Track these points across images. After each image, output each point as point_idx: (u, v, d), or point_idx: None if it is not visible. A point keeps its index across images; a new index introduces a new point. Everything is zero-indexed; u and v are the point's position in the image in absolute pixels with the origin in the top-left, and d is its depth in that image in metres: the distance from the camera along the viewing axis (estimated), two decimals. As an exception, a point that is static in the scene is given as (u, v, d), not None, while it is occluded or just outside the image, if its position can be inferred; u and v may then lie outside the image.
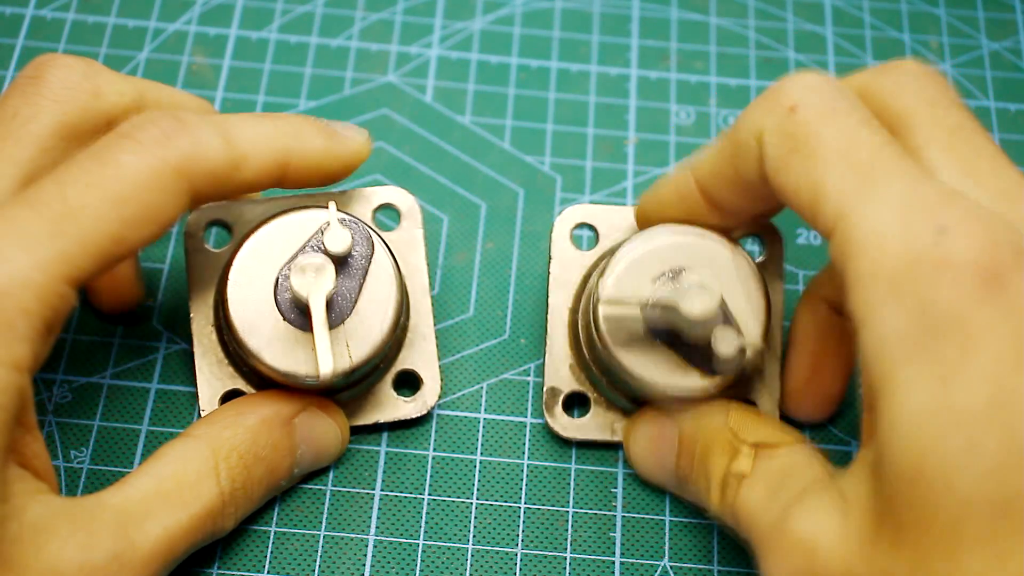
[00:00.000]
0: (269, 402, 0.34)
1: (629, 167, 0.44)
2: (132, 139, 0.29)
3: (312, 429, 0.35)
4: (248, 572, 0.35)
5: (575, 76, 0.46)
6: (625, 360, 0.33)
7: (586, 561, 0.36)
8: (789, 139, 0.28)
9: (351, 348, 0.33)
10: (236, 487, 0.32)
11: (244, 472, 0.33)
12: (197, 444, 0.32)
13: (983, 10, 0.49)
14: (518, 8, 0.48)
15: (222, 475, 0.32)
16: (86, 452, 0.36)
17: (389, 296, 0.34)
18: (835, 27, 0.48)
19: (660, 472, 0.35)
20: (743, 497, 0.30)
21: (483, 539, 0.36)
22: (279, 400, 0.34)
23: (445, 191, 0.43)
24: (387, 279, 0.34)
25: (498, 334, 0.40)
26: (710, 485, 0.32)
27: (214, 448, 0.32)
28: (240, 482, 0.32)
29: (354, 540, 0.36)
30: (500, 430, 0.38)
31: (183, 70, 0.45)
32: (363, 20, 0.47)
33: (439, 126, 0.44)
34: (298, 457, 0.34)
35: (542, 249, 0.42)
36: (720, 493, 0.31)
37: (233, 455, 0.32)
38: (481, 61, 0.46)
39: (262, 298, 0.33)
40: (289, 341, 0.33)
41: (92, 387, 0.38)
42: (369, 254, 0.34)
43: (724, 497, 0.31)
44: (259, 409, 0.34)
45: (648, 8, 0.48)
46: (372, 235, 0.34)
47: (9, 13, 0.46)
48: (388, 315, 0.34)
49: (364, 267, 0.34)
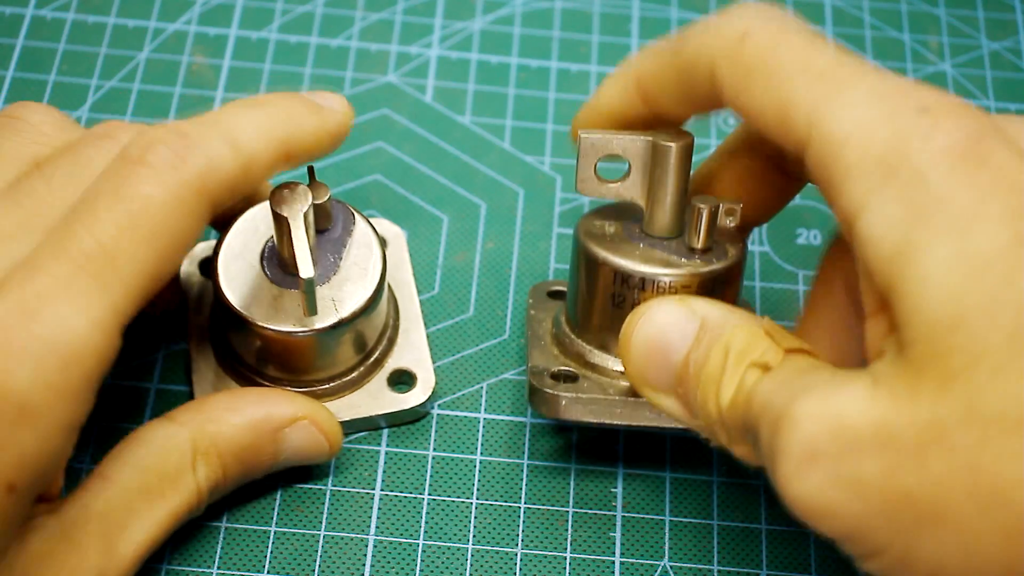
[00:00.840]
0: (262, 403, 0.34)
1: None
2: (146, 166, 0.28)
3: (300, 441, 0.34)
4: (248, 572, 0.35)
5: (575, 76, 0.46)
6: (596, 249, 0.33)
7: (586, 561, 0.36)
8: (743, 65, 0.28)
9: (337, 304, 0.34)
10: (211, 483, 0.32)
11: (220, 470, 0.33)
12: (179, 433, 0.32)
13: (983, 10, 0.49)
14: (518, 8, 0.48)
15: (199, 471, 0.32)
16: (87, 452, 0.36)
17: (372, 258, 0.35)
18: (835, 27, 0.48)
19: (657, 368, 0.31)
20: (762, 386, 0.28)
21: (483, 539, 0.36)
22: (273, 403, 0.34)
23: (445, 191, 0.43)
24: (369, 244, 0.35)
25: (498, 334, 0.40)
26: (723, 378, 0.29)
27: (195, 440, 0.32)
28: (214, 480, 0.32)
29: (354, 540, 0.36)
30: (500, 430, 0.38)
31: (183, 70, 0.45)
32: (363, 20, 0.47)
33: (439, 126, 0.44)
34: (280, 461, 0.34)
35: (542, 249, 0.42)
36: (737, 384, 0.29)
37: (212, 451, 0.32)
38: (481, 61, 0.46)
39: (251, 269, 0.34)
40: (279, 301, 0.34)
41: (92, 387, 0.38)
42: (350, 226, 0.35)
43: (741, 386, 0.29)
44: (250, 409, 0.33)
45: (648, 8, 0.48)
46: (352, 211, 0.36)
47: (9, 13, 0.46)
48: (373, 274, 0.35)
49: (346, 236, 0.35)
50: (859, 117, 0.26)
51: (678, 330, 0.30)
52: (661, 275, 0.33)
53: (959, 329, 0.23)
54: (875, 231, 0.25)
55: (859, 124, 0.26)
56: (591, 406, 0.34)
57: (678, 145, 0.32)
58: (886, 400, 0.24)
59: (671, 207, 0.33)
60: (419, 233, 0.42)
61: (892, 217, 0.25)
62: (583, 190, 0.34)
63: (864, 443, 0.24)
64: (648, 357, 0.31)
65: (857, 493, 0.24)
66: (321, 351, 0.35)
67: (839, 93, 0.27)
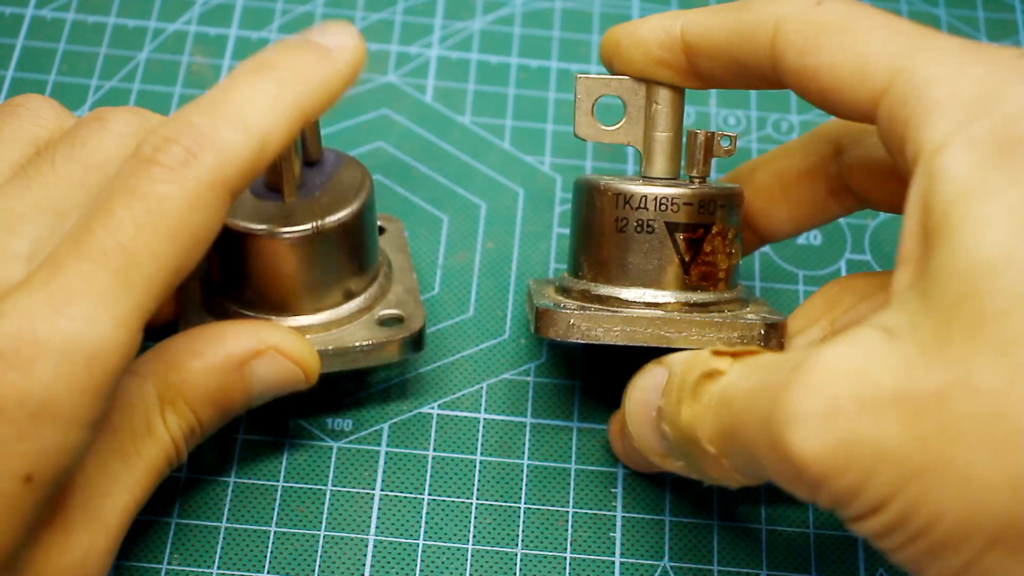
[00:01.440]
0: (222, 341, 0.33)
1: (628, 167, 0.44)
2: (160, 165, 0.28)
3: (269, 372, 0.33)
4: (248, 572, 0.35)
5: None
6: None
7: (586, 561, 0.36)
8: (818, 25, 0.29)
9: (319, 215, 0.34)
10: (184, 432, 0.32)
11: (192, 417, 0.32)
12: (142, 386, 0.31)
13: (983, 10, 0.49)
14: (518, 8, 0.48)
15: (170, 422, 0.31)
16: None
17: (358, 181, 0.35)
18: (835, 27, 0.48)
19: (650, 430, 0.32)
20: (738, 384, 0.27)
21: (483, 539, 0.36)
22: (233, 339, 0.33)
23: (445, 191, 0.43)
24: (357, 172, 0.35)
25: (498, 334, 0.40)
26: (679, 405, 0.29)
27: (160, 391, 0.31)
28: (187, 427, 0.32)
29: (354, 540, 0.36)
30: (500, 430, 0.38)
31: (183, 70, 0.45)
32: (363, 20, 0.47)
33: (439, 126, 0.44)
34: (255, 397, 0.33)
35: (542, 249, 0.42)
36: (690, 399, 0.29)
37: (179, 400, 0.32)
38: (481, 61, 0.46)
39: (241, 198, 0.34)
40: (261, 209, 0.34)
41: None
42: (340, 163, 0.36)
43: (696, 399, 0.28)
44: (210, 349, 0.32)
45: (648, 8, 0.48)
46: (344, 155, 0.36)
47: (9, 13, 0.46)
48: (360, 196, 0.35)
49: (334, 169, 0.36)
50: (952, 60, 0.26)
51: (653, 387, 0.31)
52: (661, 193, 0.33)
53: (1002, 271, 0.23)
54: (952, 167, 0.25)
55: (951, 67, 0.26)
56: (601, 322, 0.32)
57: (673, 88, 0.33)
58: (912, 352, 0.24)
59: (667, 150, 0.34)
60: (419, 233, 0.42)
61: (973, 155, 0.25)
62: (581, 133, 0.34)
63: (887, 397, 0.23)
64: (640, 424, 0.32)
65: (874, 447, 0.23)
66: (302, 268, 0.34)
67: (929, 44, 0.27)
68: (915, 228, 0.26)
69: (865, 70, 0.28)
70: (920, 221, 0.25)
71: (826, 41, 0.29)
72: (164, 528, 0.35)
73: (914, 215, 0.26)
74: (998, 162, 0.24)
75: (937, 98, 0.26)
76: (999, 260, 0.23)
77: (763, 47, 0.30)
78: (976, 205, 0.24)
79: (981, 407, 0.22)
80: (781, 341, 0.33)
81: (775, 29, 0.30)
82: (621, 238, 0.33)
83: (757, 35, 0.30)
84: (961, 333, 0.23)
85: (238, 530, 0.35)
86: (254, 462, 0.37)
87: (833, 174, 0.34)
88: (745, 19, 0.31)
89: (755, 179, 0.36)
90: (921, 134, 0.26)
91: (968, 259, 0.23)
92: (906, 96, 0.27)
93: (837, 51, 0.29)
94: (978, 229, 0.24)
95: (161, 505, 0.36)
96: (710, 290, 0.33)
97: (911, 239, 0.26)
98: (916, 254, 0.26)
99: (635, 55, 0.33)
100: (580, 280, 0.34)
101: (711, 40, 0.32)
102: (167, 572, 0.35)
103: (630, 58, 0.33)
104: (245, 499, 0.36)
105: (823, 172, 0.35)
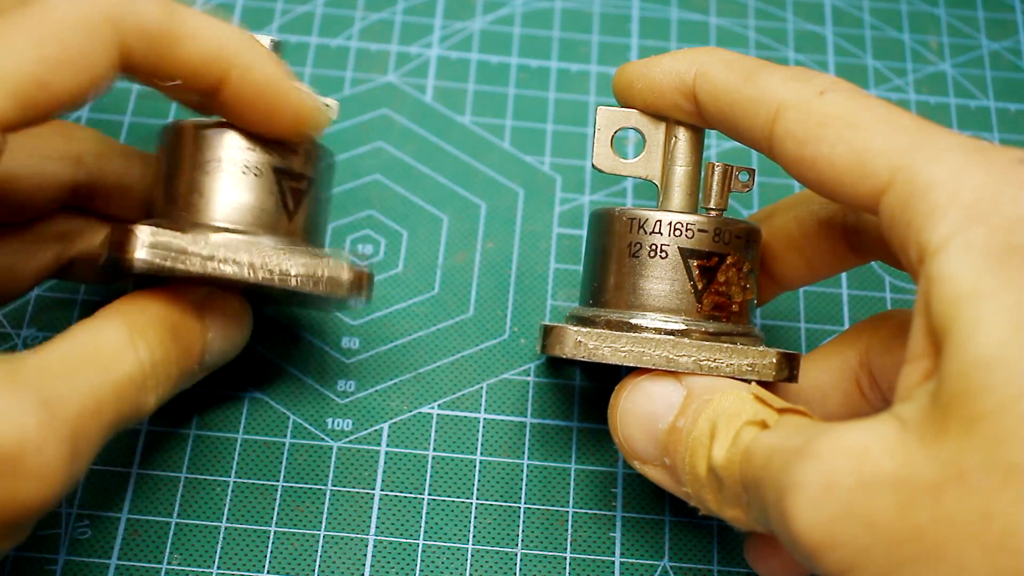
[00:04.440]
0: (175, 289, 0.33)
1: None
2: None
3: (218, 311, 0.34)
4: (248, 572, 0.35)
5: (575, 76, 0.46)
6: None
7: (586, 561, 0.36)
8: (820, 116, 0.29)
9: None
10: (155, 360, 0.31)
11: (161, 347, 0.32)
12: (111, 320, 0.31)
13: (983, 10, 0.49)
14: (518, 8, 0.48)
15: (140, 348, 0.31)
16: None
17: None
18: (835, 27, 0.48)
19: (644, 438, 0.32)
20: (763, 439, 0.28)
21: (483, 539, 0.36)
22: (184, 287, 0.33)
23: (445, 191, 0.43)
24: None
25: (498, 334, 0.40)
26: (716, 439, 0.29)
27: (128, 324, 0.31)
28: (159, 356, 0.32)
29: (354, 540, 0.36)
30: (500, 430, 0.38)
31: (183, 70, 0.45)
32: (363, 20, 0.47)
33: (439, 126, 0.44)
34: (209, 340, 0.33)
35: (542, 249, 0.42)
36: (731, 441, 0.29)
37: (148, 330, 0.31)
38: (481, 61, 0.46)
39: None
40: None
41: (92, 387, 0.38)
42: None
43: (736, 443, 0.29)
44: (165, 293, 0.33)
45: (648, 8, 0.48)
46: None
47: (9, 13, 0.46)
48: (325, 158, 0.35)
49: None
50: (952, 162, 0.26)
51: (663, 399, 0.31)
52: (676, 219, 0.33)
53: (996, 370, 0.24)
54: (950, 270, 0.25)
55: (952, 169, 0.26)
56: (609, 341, 0.32)
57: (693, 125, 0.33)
58: (913, 441, 0.25)
59: (685, 184, 0.34)
60: (419, 233, 0.42)
61: (971, 259, 0.25)
62: (599, 164, 0.34)
63: (884, 480, 0.24)
64: (635, 427, 0.32)
65: (867, 527, 0.24)
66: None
67: (930, 142, 0.27)
68: (922, 325, 0.26)
69: (866, 166, 0.28)
70: (926, 320, 0.26)
71: (827, 133, 0.29)
72: (164, 528, 0.35)
73: (921, 314, 0.26)
74: (995, 266, 0.25)
75: (937, 201, 0.26)
76: (994, 360, 0.24)
77: (762, 127, 0.30)
78: (973, 307, 0.25)
79: (973, 505, 0.23)
80: (794, 373, 0.33)
81: (776, 115, 0.30)
82: (634, 263, 0.33)
83: (759, 113, 0.30)
84: (958, 429, 0.24)
85: (238, 530, 0.35)
86: (254, 462, 0.37)
87: (851, 226, 0.34)
88: (748, 93, 0.31)
89: (773, 222, 0.35)
90: (923, 236, 0.26)
91: (965, 358, 0.24)
92: (908, 197, 0.27)
93: (837, 143, 0.28)
94: (975, 329, 0.24)
95: (161, 505, 0.36)
96: (723, 321, 0.33)
97: (919, 336, 0.27)
98: (924, 351, 0.26)
99: (648, 98, 0.34)
100: (590, 308, 0.34)
101: (717, 104, 0.32)
102: (167, 572, 0.35)
103: (643, 100, 0.34)
104: (245, 499, 0.36)
105: (841, 222, 0.34)
